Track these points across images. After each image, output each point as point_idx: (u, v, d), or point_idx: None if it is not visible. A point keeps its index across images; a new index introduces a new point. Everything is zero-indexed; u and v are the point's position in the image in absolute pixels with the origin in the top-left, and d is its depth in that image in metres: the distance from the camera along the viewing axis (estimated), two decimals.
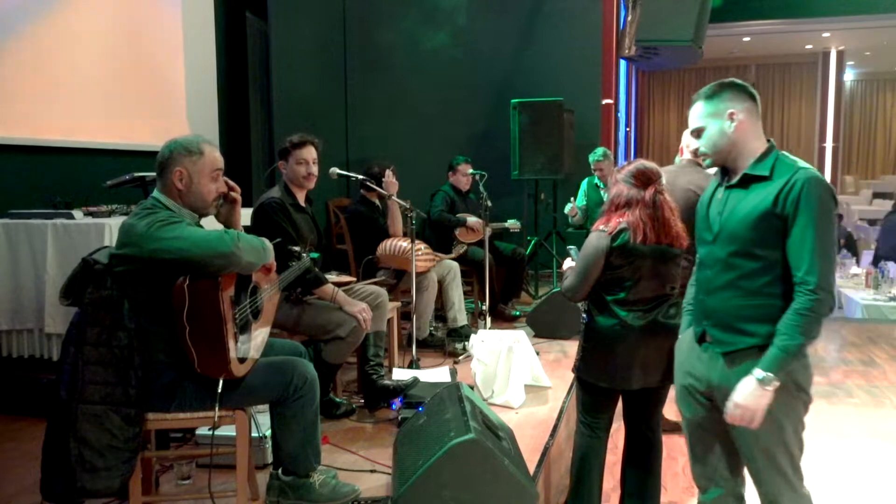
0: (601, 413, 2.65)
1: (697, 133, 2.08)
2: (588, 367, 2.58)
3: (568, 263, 2.71)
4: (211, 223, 2.37)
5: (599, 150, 5.82)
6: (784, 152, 2.02)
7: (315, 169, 3.38)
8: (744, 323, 1.98)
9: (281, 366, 2.38)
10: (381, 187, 4.24)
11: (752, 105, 2.03)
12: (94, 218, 3.52)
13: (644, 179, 2.48)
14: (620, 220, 2.46)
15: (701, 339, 2.12)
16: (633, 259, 2.46)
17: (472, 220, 5.15)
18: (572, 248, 2.77)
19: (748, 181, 2.00)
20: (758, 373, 1.90)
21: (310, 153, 3.35)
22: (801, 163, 1.97)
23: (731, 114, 2.01)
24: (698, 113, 2.08)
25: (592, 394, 2.63)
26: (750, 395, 1.91)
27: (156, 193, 2.28)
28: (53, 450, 2.10)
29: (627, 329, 2.48)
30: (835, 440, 4.05)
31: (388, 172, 4.41)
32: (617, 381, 2.54)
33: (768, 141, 2.04)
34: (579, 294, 2.54)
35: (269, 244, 2.36)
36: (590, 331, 2.58)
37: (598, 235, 2.48)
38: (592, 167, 5.84)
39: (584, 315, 2.61)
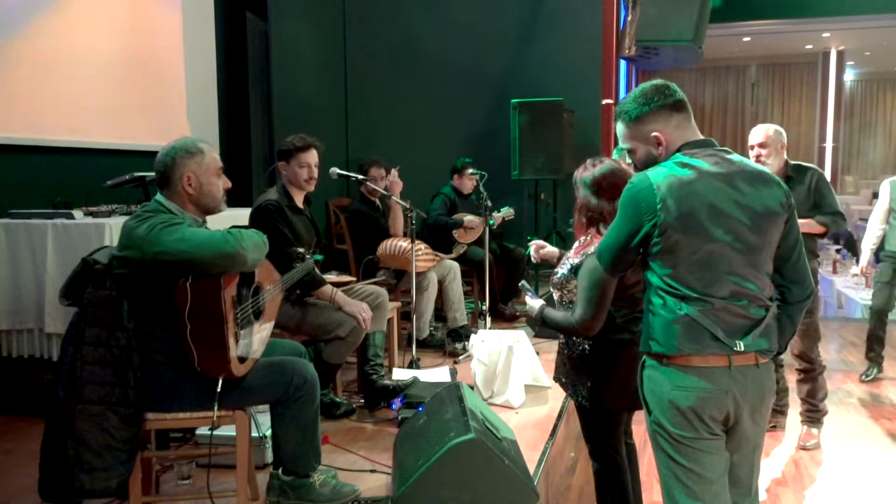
0: (619, 430, 2.46)
1: (630, 153, 1.93)
2: (607, 395, 2.31)
3: (531, 301, 2.40)
4: (213, 223, 2.37)
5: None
6: (687, 154, 1.80)
7: (316, 172, 3.37)
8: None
9: (281, 366, 2.38)
10: (370, 183, 4.25)
11: (680, 116, 1.84)
12: (94, 218, 3.52)
13: (614, 192, 2.17)
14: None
15: None
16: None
17: (468, 218, 5.14)
18: (525, 284, 2.53)
19: None
20: None
21: (312, 157, 3.34)
22: (651, 170, 1.79)
23: (657, 138, 1.83)
24: (622, 134, 1.90)
25: (612, 418, 2.41)
26: None
27: (158, 197, 2.28)
28: (52, 450, 2.10)
29: (637, 340, 2.19)
30: (835, 441, 4.05)
31: (394, 172, 4.42)
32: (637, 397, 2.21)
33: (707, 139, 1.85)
34: (599, 322, 2.13)
35: (265, 237, 2.36)
36: (601, 356, 2.30)
37: None
38: None
39: (574, 340, 2.35)
